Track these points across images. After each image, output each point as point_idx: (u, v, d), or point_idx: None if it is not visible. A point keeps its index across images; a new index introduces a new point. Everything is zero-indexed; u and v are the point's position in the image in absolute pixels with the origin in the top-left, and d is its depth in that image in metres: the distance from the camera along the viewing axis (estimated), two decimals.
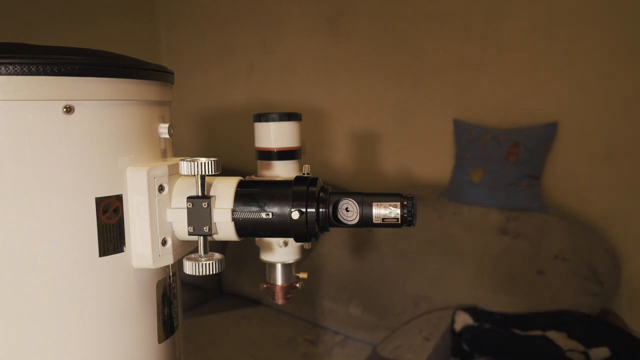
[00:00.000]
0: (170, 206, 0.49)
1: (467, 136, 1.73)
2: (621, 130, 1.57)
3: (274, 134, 0.64)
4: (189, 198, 0.48)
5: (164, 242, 0.49)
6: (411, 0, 1.86)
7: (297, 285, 0.68)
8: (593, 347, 1.24)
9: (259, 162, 0.66)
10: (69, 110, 0.43)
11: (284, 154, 0.65)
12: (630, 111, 1.55)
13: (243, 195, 0.50)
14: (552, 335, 1.29)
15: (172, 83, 0.57)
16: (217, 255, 0.49)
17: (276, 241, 0.64)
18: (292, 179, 0.52)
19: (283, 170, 0.65)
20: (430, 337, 1.36)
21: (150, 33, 2.49)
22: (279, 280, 0.67)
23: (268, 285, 0.68)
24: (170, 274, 0.54)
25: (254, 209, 0.50)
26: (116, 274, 0.47)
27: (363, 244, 1.72)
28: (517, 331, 1.31)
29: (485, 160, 1.66)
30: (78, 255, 0.45)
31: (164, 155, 0.54)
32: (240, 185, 0.51)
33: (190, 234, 0.49)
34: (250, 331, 1.68)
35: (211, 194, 0.50)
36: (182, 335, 0.58)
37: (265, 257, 0.66)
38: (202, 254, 0.49)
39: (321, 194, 0.52)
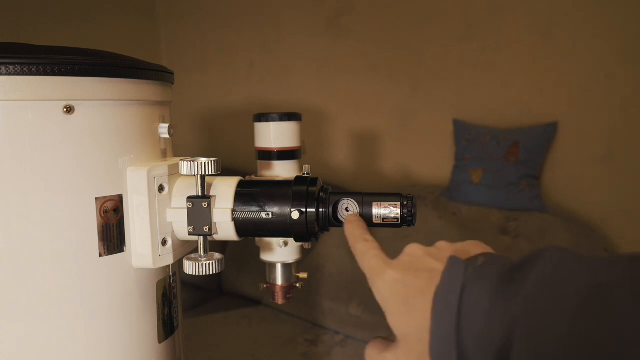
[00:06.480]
0: (170, 206, 0.49)
1: (466, 136, 1.73)
2: (621, 130, 1.57)
3: (274, 134, 0.64)
4: (189, 198, 0.48)
5: (164, 242, 0.49)
6: (411, 0, 1.86)
7: (297, 285, 0.68)
8: None
9: (259, 162, 0.66)
10: (69, 110, 0.43)
11: (284, 154, 0.65)
12: (630, 111, 1.55)
13: (243, 195, 0.50)
14: None
15: (172, 83, 0.57)
16: (217, 255, 0.49)
17: (276, 241, 0.64)
18: (292, 179, 0.52)
19: (283, 170, 0.65)
20: None
21: (150, 33, 2.49)
22: (279, 280, 0.67)
23: (268, 285, 0.68)
24: (170, 274, 0.54)
25: (254, 209, 0.50)
26: (116, 274, 0.47)
27: None
28: None
29: (485, 160, 1.66)
30: (78, 255, 0.45)
31: (164, 155, 0.54)
32: (240, 185, 0.51)
33: (190, 234, 0.49)
34: (250, 331, 1.68)
35: (211, 194, 0.50)
36: (182, 335, 0.58)
37: (265, 257, 0.66)
38: (202, 254, 0.49)
39: (321, 194, 0.52)
